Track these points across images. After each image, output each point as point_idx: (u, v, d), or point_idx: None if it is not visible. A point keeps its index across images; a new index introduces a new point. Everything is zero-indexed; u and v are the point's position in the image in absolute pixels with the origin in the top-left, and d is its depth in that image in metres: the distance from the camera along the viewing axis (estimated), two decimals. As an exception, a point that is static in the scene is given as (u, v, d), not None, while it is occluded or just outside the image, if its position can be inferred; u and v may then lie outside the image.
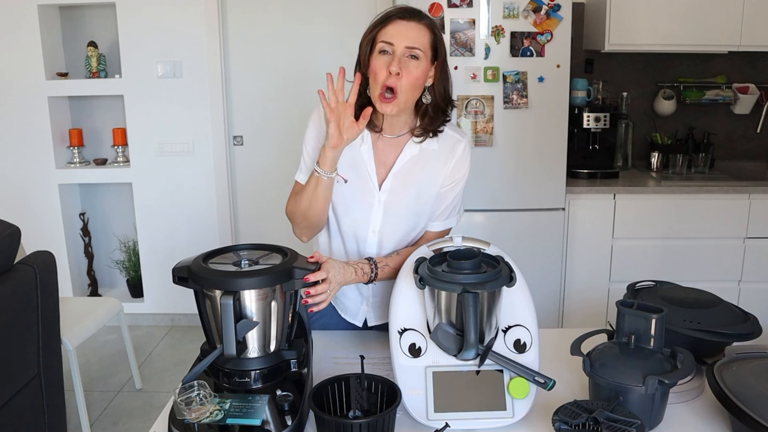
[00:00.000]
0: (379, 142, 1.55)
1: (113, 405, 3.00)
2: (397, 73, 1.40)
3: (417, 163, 1.54)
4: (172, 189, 3.75)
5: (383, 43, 1.42)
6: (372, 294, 1.66)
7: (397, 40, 1.41)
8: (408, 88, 1.43)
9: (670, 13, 3.14)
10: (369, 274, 1.51)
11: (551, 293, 3.21)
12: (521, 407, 1.24)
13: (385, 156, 1.55)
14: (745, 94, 3.53)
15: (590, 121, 3.28)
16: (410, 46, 1.41)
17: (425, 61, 1.44)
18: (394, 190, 1.55)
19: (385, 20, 1.44)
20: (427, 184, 1.56)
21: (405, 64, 1.41)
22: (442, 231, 1.63)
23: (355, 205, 1.56)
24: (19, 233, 2.12)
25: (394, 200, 1.55)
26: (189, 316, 3.86)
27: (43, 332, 2.22)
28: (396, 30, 1.42)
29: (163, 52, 3.59)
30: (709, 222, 3.15)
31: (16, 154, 3.70)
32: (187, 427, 1.14)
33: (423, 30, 1.44)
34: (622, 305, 1.26)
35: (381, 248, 1.59)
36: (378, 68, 1.42)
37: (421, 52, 1.42)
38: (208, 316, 1.29)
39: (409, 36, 1.42)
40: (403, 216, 1.56)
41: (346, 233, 1.60)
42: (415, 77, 1.43)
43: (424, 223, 1.61)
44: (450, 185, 1.58)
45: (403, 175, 1.54)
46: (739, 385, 1.18)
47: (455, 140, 1.56)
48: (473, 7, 2.89)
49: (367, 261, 1.52)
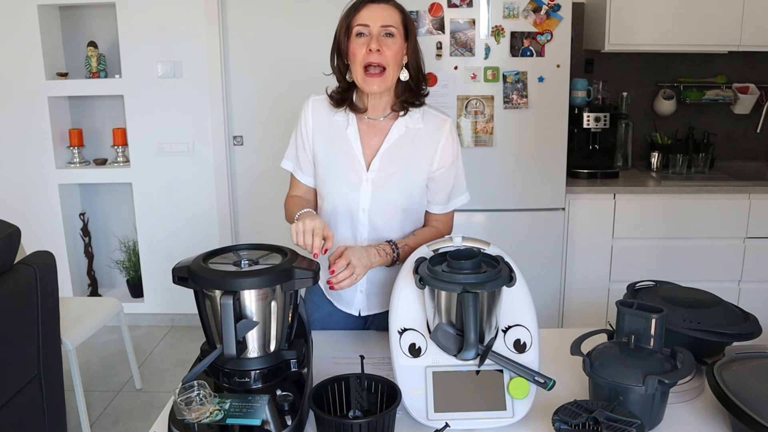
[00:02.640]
0: (363, 125, 1.62)
1: (113, 405, 3.00)
2: (378, 50, 1.50)
3: (404, 143, 1.60)
4: (172, 189, 3.75)
5: (359, 26, 1.52)
6: (367, 279, 1.67)
7: (371, 21, 1.52)
8: (392, 62, 1.52)
9: (670, 13, 3.14)
10: (391, 254, 1.57)
11: (551, 293, 3.21)
12: (521, 407, 1.24)
13: (370, 138, 1.61)
14: (745, 94, 3.53)
15: (590, 121, 3.28)
16: (385, 25, 1.52)
17: (400, 38, 1.54)
18: (383, 168, 1.59)
19: (358, 6, 1.53)
20: (415, 161, 1.60)
21: (383, 42, 1.51)
22: (449, 213, 1.72)
23: (344, 186, 1.61)
24: (19, 233, 2.12)
25: (383, 179, 1.59)
26: (189, 316, 3.86)
27: (43, 332, 2.22)
28: (369, 13, 1.52)
29: (163, 52, 3.59)
30: (709, 222, 3.15)
31: (16, 154, 3.70)
32: (187, 427, 1.14)
33: (393, 10, 1.55)
34: (622, 305, 1.26)
35: (373, 230, 1.62)
36: (357, 49, 1.52)
37: (395, 29, 1.53)
38: (208, 316, 1.29)
39: (382, 16, 1.52)
40: (393, 195, 1.60)
41: (338, 215, 1.63)
42: (395, 52, 1.52)
43: (417, 204, 1.65)
44: (442, 169, 1.62)
45: (391, 154, 1.60)
46: (739, 385, 1.18)
47: (441, 119, 1.62)
48: (473, 7, 2.89)
49: (388, 243, 1.58)
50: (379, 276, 1.66)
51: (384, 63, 1.51)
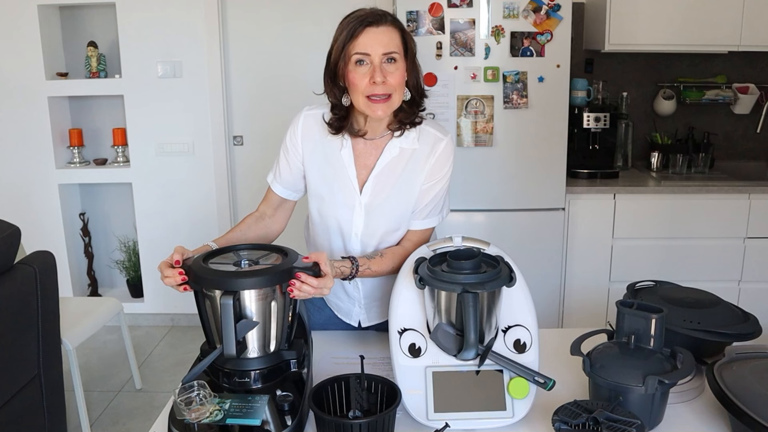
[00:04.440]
0: (359, 146, 1.55)
1: (113, 405, 3.00)
2: (383, 82, 1.40)
3: (398, 164, 1.54)
4: (172, 189, 3.75)
5: (358, 55, 1.41)
6: (363, 296, 1.66)
7: (372, 49, 1.40)
8: (398, 88, 1.43)
9: (670, 13, 3.14)
10: (348, 275, 1.48)
11: (551, 293, 3.21)
12: (521, 407, 1.24)
13: (365, 159, 1.55)
14: (745, 94, 3.53)
15: (590, 121, 3.28)
16: (386, 52, 1.41)
17: (401, 60, 1.44)
18: (376, 192, 1.54)
19: (355, 31, 1.41)
20: (408, 183, 1.54)
21: (386, 70, 1.41)
22: (424, 230, 1.60)
23: (338, 209, 1.56)
24: (19, 233, 2.12)
25: (376, 202, 1.54)
26: (189, 316, 3.86)
27: (43, 332, 2.22)
28: (368, 39, 1.40)
29: (163, 52, 3.59)
30: (709, 222, 3.15)
31: (16, 154, 3.70)
32: (187, 427, 1.14)
33: (393, 32, 1.43)
34: (622, 305, 1.26)
35: (365, 247, 1.59)
36: (358, 79, 1.42)
37: (397, 54, 1.43)
38: (208, 316, 1.29)
39: (383, 42, 1.41)
40: (385, 217, 1.56)
41: (331, 233, 1.60)
42: (400, 78, 1.43)
43: (407, 224, 1.59)
44: (431, 183, 1.55)
45: (385, 176, 1.54)
46: (739, 385, 1.18)
47: (437, 138, 1.54)
48: (473, 7, 2.89)
49: (350, 261, 1.49)
50: (378, 290, 1.64)
51: (389, 92, 1.42)
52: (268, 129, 3.73)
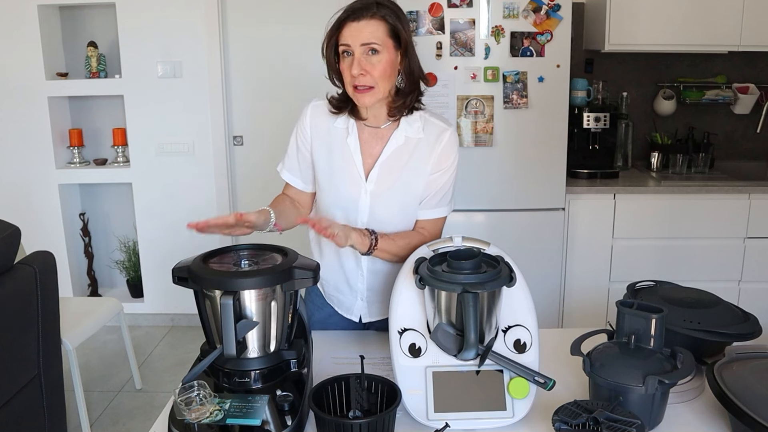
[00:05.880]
0: (364, 134, 1.58)
1: (113, 405, 3.00)
2: (361, 73, 1.45)
3: (403, 153, 1.56)
4: (172, 189, 3.75)
5: (343, 46, 1.47)
6: (366, 287, 1.66)
7: (351, 41, 1.45)
8: (380, 80, 1.47)
9: (670, 13, 3.14)
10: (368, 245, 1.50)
11: (551, 293, 3.21)
12: (521, 407, 1.24)
13: (371, 147, 1.58)
14: (745, 94, 3.53)
15: (590, 121, 3.28)
16: (365, 43, 1.44)
17: (387, 52, 1.47)
18: (381, 180, 1.57)
19: (339, 24, 1.47)
20: (414, 173, 1.57)
21: (367, 61, 1.45)
22: (435, 219, 1.62)
23: (343, 198, 1.59)
24: (19, 233, 2.12)
25: (381, 190, 1.57)
26: (189, 316, 3.86)
27: (43, 332, 2.22)
28: (349, 32, 1.45)
29: (163, 52, 3.59)
30: (709, 222, 3.15)
31: (16, 154, 3.70)
32: (187, 427, 1.14)
33: (377, 24, 1.45)
34: (622, 305, 1.26)
35: None
36: (344, 69, 1.49)
37: (379, 45, 1.45)
38: (208, 316, 1.29)
39: (362, 35, 1.44)
40: (391, 206, 1.58)
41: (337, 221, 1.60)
42: (382, 69, 1.46)
43: (414, 214, 1.62)
44: (438, 173, 1.58)
45: (390, 165, 1.56)
46: (739, 385, 1.18)
47: (441, 129, 1.57)
48: (473, 7, 2.89)
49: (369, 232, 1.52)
50: (380, 284, 1.65)
51: (370, 83, 1.46)
52: (268, 129, 3.73)
